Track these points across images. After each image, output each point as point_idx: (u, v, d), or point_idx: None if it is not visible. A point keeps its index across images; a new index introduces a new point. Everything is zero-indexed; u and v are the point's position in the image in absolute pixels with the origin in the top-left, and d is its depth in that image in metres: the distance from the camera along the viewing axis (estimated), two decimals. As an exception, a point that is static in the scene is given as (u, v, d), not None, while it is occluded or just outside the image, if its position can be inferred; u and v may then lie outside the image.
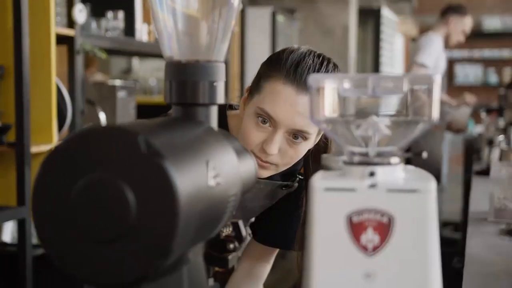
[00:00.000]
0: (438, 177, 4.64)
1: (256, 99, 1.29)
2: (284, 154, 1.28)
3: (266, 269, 1.59)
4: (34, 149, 2.53)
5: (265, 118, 1.26)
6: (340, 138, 0.71)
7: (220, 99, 0.78)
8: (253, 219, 1.59)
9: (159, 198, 0.58)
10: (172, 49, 0.77)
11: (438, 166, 4.62)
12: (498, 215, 1.84)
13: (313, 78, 0.69)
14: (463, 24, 4.65)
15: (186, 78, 0.75)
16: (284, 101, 1.25)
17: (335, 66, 1.32)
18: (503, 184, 1.84)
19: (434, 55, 4.53)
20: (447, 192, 5.69)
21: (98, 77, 4.99)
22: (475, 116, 6.51)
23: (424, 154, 0.69)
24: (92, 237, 0.60)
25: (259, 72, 1.33)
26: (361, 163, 0.68)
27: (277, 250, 1.59)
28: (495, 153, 2.71)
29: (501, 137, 2.89)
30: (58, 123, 2.72)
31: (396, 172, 0.68)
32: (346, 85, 0.69)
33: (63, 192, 0.60)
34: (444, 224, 5.31)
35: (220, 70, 0.77)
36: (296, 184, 1.46)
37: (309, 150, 1.35)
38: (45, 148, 2.61)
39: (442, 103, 4.72)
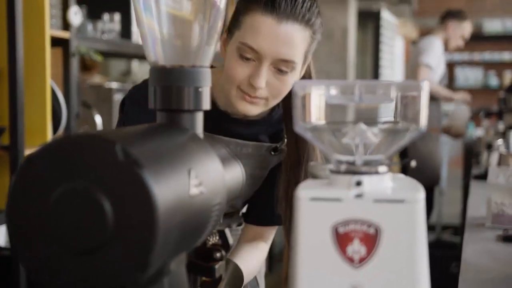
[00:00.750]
0: (437, 180, 4.61)
1: (237, 35, 1.28)
2: (272, 87, 1.28)
3: (265, 247, 1.53)
4: (28, 152, 2.51)
5: (248, 52, 1.25)
6: (327, 146, 0.69)
7: (206, 105, 0.76)
8: (244, 209, 1.55)
9: (136, 208, 0.56)
10: (157, 53, 0.75)
11: (437, 169, 4.60)
12: (496, 221, 1.82)
13: (298, 85, 0.67)
14: (462, 29, 4.63)
15: (170, 83, 0.73)
16: (266, 31, 1.24)
17: None
18: (501, 189, 1.82)
19: (436, 57, 4.52)
20: (447, 195, 5.67)
21: (97, 79, 4.97)
22: (475, 119, 6.49)
23: (413, 163, 0.67)
24: (68, 247, 0.58)
25: (237, 8, 1.32)
26: (347, 172, 0.66)
27: (274, 229, 1.54)
28: (494, 157, 2.70)
29: (500, 141, 2.87)
30: (52, 126, 2.70)
31: (383, 182, 0.66)
32: (333, 91, 0.67)
33: (39, 201, 0.58)
34: (443, 228, 5.29)
35: (205, 75, 0.75)
36: (285, 148, 1.43)
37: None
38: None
39: (442, 98, 4.69)
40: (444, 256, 4.22)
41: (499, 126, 3.79)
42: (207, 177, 0.69)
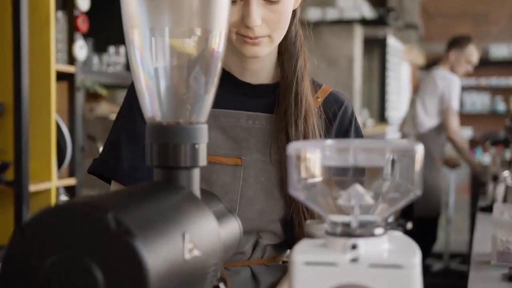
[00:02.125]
0: (439, 210, 4.49)
1: None
2: (269, 21, 1.21)
3: None
4: (33, 187, 2.51)
5: None
6: (322, 207, 0.68)
7: (203, 161, 0.75)
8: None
9: (129, 278, 0.56)
10: (154, 110, 0.75)
11: (440, 199, 4.53)
12: (501, 259, 1.79)
13: (292, 147, 0.67)
14: (466, 55, 4.60)
15: (167, 140, 0.73)
16: None
17: None
18: (506, 226, 1.79)
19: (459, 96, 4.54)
20: (454, 223, 5.64)
21: (104, 107, 4.97)
22: (482, 145, 6.47)
23: (409, 225, 0.66)
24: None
25: None
26: (343, 235, 0.65)
27: None
28: (500, 189, 2.67)
29: (506, 173, 2.84)
30: (57, 160, 2.70)
31: (380, 244, 0.65)
32: (327, 153, 0.67)
33: (31, 272, 0.58)
34: (451, 256, 5.25)
35: (202, 132, 0.75)
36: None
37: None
38: (44, 186, 2.59)
39: (463, 157, 4.68)
40: (452, 286, 4.19)
41: (505, 155, 3.77)
42: (203, 238, 0.68)
